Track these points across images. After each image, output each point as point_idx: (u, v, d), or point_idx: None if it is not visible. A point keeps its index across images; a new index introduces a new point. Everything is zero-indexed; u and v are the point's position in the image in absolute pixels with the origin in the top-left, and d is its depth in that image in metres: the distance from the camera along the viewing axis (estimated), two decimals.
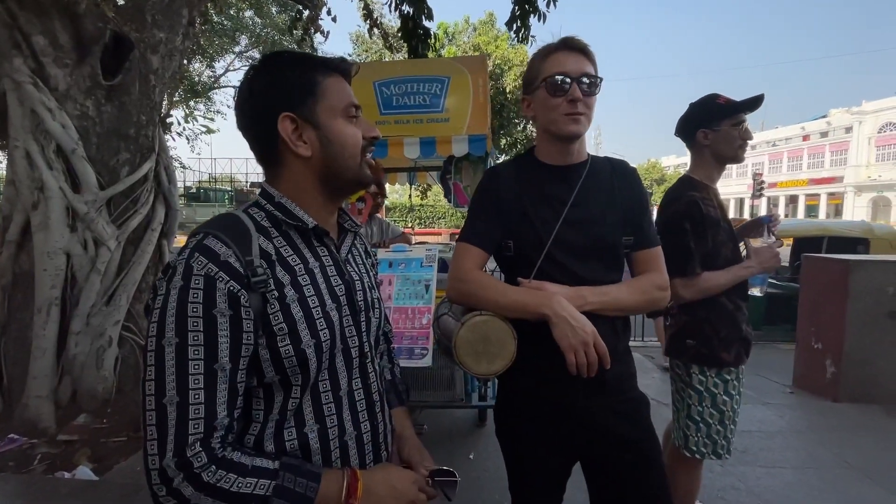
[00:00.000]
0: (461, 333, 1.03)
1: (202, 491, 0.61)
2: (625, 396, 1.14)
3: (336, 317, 0.75)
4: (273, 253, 0.72)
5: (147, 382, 0.63)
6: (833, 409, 3.46)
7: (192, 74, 14.40)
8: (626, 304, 1.10)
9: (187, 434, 0.61)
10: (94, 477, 2.12)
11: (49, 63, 2.74)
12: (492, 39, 16.31)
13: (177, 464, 0.60)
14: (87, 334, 2.85)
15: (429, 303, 2.55)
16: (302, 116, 0.74)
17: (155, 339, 0.63)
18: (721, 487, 2.45)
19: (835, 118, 36.02)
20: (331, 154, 0.76)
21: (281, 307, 0.69)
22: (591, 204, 1.11)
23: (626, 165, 1.20)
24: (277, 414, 0.71)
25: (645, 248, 1.14)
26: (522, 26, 4.41)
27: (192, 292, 0.64)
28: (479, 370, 1.05)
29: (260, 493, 0.62)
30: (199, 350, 0.63)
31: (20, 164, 2.73)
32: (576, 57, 1.09)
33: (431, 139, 2.71)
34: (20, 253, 2.85)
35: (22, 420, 2.64)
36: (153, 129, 3.25)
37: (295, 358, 0.70)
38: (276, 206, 0.76)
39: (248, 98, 0.76)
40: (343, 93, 0.77)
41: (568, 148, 1.12)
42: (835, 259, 3.78)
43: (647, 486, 1.12)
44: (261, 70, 0.76)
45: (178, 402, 0.62)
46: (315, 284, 0.74)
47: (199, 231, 0.70)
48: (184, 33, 3.33)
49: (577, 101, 1.06)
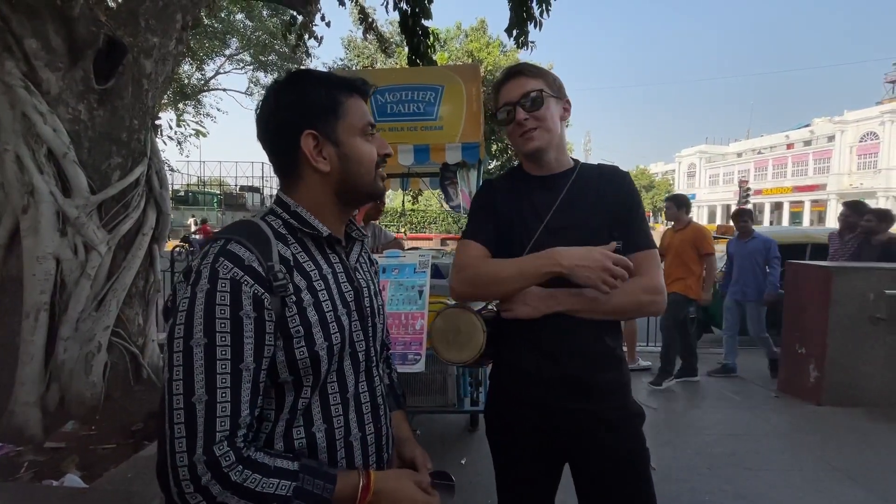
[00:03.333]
0: (436, 322, 1.14)
1: (229, 489, 0.63)
2: (613, 405, 1.12)
3: (346, 321, 0.79)
4: (291, 259, 0.75)
5: (174, 382, 0.65)
6: (816, 413, 3.55)
7: (181, 77, 14.29)
8: (610, 306, 1.07)
9: (215, 432, 0.64)
10: (83, 485, 2.09)
11: (41, 67, 2.72)
12: (483, 46, 16.47)
13: (206, 462, 0.63)
14: (75, 340, 2.81)
15: (422, 308, 2.57)
16: (324, 134, 0.79)
17: (182, 339, 0.66)
18: (709, 490, 2.50)
19: (818, 127, 36.90)
20: (348, 170, 0.81)
21: (298, 311, 0.72)
22: (576, 210, 1.13)
23: (616, 170, 1.22)
24: (288, 413, 0.74)
25: (634, 252, 1.12)
26: (521, 33, 4.47)
27: (220, 295, 0.66)
28: (448, 357, 1.15)
29: (282, 494, 0.65)
30: (227, 350, 0.66)
31: (10, 168, 2.70)
32: (516, 82, 1.14)
33: (425, 146, 2.74)
34: (9, 257, 2.81)
35: (9, 427, 2.60)
36: (145, 134, 3.24)
37: (308, 359, 0.73)
38: (292, 215, 0.79)
39: (275, 112, 0.80)
40: (362, 112, 0.82)
41: (541, 161, 1.17)
42: (818, 266, 3.88)
43: (632, 498, 1.12)
44: (288, 86, 0.80)
45: (206, 401, 0.64)
46: (328, 290, 0.77)
47: (220, 237, 0.73)
48: (177, 38, 3.33)
49: (523, 122, 1.12)
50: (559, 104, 1.16)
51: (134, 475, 2.04)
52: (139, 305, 3.28)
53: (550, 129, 1.13)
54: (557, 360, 1.10)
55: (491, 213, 1.19)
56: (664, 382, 4.11)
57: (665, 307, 1.15)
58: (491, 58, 15.90)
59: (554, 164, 1.17)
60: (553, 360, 1.10)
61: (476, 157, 2.75)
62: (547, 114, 1.12)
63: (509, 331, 1.09)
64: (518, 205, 1.16)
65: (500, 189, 1.22)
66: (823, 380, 3.64)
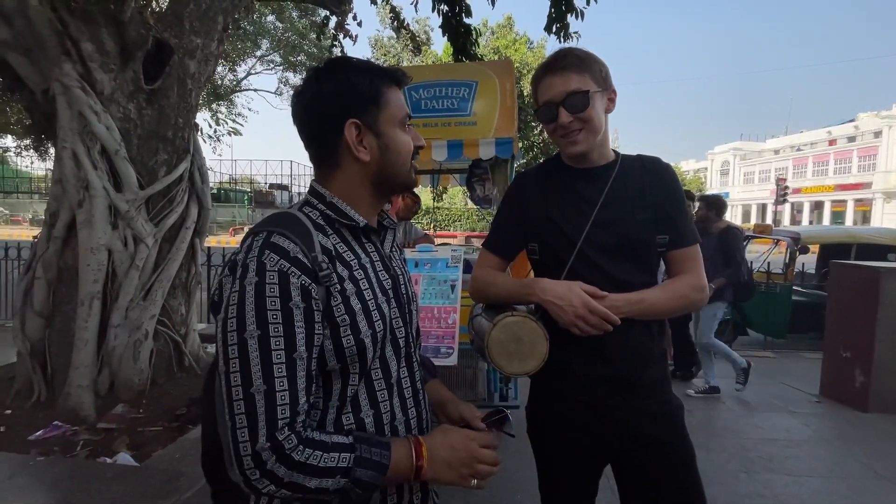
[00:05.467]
0: (493, 334, 1.05)
1: (294, 469, 0.66)
2: (658, 400, 1.12)
3: (387, 309, 0.80)
4: (332, 249, 0.76)
5: (232, 374, 0.67)
6: (862, 419, 3.39)
7: (215, 78, 14.76)
8: (661, 309, 1.09)
9: (276, 419, 0.66)
10: (135, 463, 2.21)
11: (96, 68, 2.88)
12: (510, 42, 16.35)
13: (270, 447, 0.65)
14: (125, 327, 2.97)
15: (454, 303, 2.59)
16: (366, 123, 0.79)
17: (236, 332, 0.67)
18: (746, 494, 2.44)
19: (863, 122, 34.98)
20: (387, 160, 0.81)
21: (342, 300, 0.73)
22: (621, 204, 1.11)
23: (658, 162, 1.19)
24: (337, 400, 0.76)
25: (680, 248, 1.11)
26: (562, 27, 4.43)
27: (269, 287, 0.68)
28: (511, 370, 1.07)
29: (343, 466, 0.68)
30: (280, 341, 0.67)
31: (67, 164, 2.87)
32: (560, 78, 1.07)
33: (459, 142, 2.76)
34: (65, 248, 2.99)
35: (64, 408, 2.77)
36: (189, 132, 3.38)
37: (355, 347, 0.74)
38: (329, 206, 0.80)
39: (317, 99, 0.79)
40: (400, 103, 0.83)
41: (584, 159, 1.14)
42: (865, 266, 3.70)
43: (679, 489, 1.11)
44: (330, 74, 0.80)
45: (265, 391, 0.66)
46: (368, 279, 0.78)
47: (260, 229, 0.73)
48: (218, 39, 3.46)
49: (567, 125, 1.08)
50: (604, 96, 1.10)
51: (181, 456, 2.15)
52: (182, 296, 3.43)
53: (596, 130, 1.09)
54: (609, 360, 1.10)
55: (515, 215, 1.20)
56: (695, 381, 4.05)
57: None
58: (518, 54, 15.78)
59: (597, 158, 1.15)
60: (606, 361, 1.10)
61: (509, 152, 2.75)
62: (593, 114, 1.07)
63: (556, 329, 1.06)
64: (560, 200, 1.15)
65: (536, 183, 1.20)
66: (871, 385, 3.47)
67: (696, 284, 1.12)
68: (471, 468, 0.77)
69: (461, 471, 0.77)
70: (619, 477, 1.17)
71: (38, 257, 3.00)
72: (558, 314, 1.04)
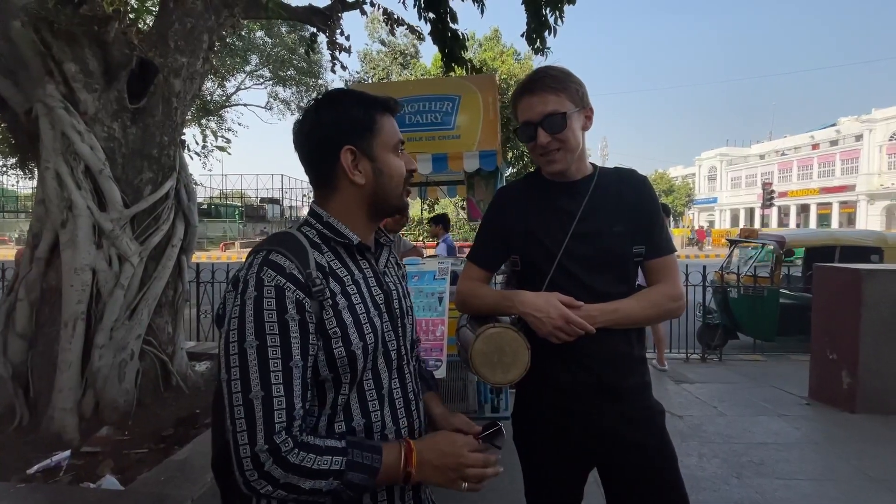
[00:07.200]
0: (476, 345, 1.08)
1: (289, 471, 0.70)
2: (639, 405, 1.16)
3: (378, 322, 0.84)
4: (326, 266, 0.81)
5: (233, 381, 0.72)
6: (850, 421, 3.43)
7: (204, 94, 14.76)
8: (636, 317, 1.13)
9: (273, 423, 0.70)
10: (121, 487, 2.17)
11: (79, 88, 2.88)
12: (497, 55, 16.57)
13: (268, 450, 0.69)
14: (110, 348, 2.93)
15: (442, 315, 2.60)
16: (360, 149, 0.85)
17: (237, 343, 0.73)
18: (738, 500, 2.44)
19: (844, 126, 35.78)
20: (381, 183, 0.87)
21: (334, 313, 0.78)
22: (599, 217, 1.14)
23: (635, 174, 1.23)
24: (329, 409, 0.80)
25: (656, 258, 1.17)
26: (538, 39, 4.52)
27: (266, 301, 0.73)
28: (495, 380, 1.10)
29: (336, 468, 0.72)
30: (277, 350, 0.72)
31: (50, 185, 2.85)
32: (539, 98, 1.11)
33: (443, 155, 2.79)
34: (48, 269, 2.95)
35: (48, 432, 2.71)
36: (174, 149, 3.37)
37: (346, 358, 0.78)
38: (325, 225, 0.86)
39: (316, 127, 0.86)
40: (393, 130, 0.90)
41: (562, 174, 1.18)
42: (847, 268, 3.76)
43: (663, 491, 1.14)
44: (328, 104, 0.87)
45: (262, 397, 0.71)
46: (360, 294, 0.84)
47: (261, 248, 0.80)
48: (204, 57, 3.48)
49: (546, 145, 1.12)
50: (581, 115, 1.15)
51: (166, 479, 2.11)
52: (168, 314, 3.40)
53: (573, 149, 1.13)
54: (591, 369, 1.13)
55: (498, 227, 1.24)
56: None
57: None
58: (505, 66, 15.98)
59: (574, 173, 1.19)
60: (586, 369, 1.13)
61: (493, 165, 2.78)
62: (570, 135, 1.11)
63: (538, 339, 1.10)
64: (541, 213, 1.18)
65: (517, 197, 1.24)
66: (857, 386, 3.51)
67: (671, 293, 1.16)
68: (459, 472, 0.81)
69: (449, 474, 0.80)
70: (605, 482, 1.20)
71: (21, 279, 2.96)
72: (537, 325, 1.08)
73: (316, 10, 4.71)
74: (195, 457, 2.34)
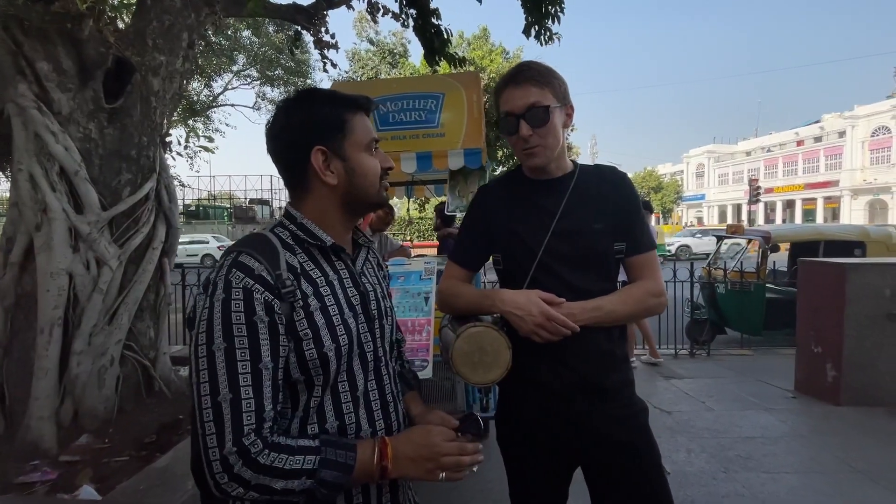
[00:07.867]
0: (457, 345, 1.06)
1: (260, 472, 0.69)
2: (622, 403, 1.16)
3: (353, 324, 0.83)
4: (298, 267, 0.80)
5: (201, 384, 0.71)
6: (835, 413, 3.46)
7: (190, 94, 14.56)
8: (618, 315, 1.12)
9: (242, 426, 0.69)
10: (98, 497, 2.11)
11: (53, 88, 2.80)
12: (486, 54, 16.57)
13: (237, 452, 0.69)
14: (88, 354, 2.86)
15: (428, 315, 2.57)
16: (331, 149, 0.84)
17: (205, 346, 0.72)
18: (725, 494, 2.45)
19: (828, 123, 36.40)
20: (354, 183, 0.86)
21: (305, 315, 0.77)
22: (579, 215, 1.13)
23: (615, 172, 1.22)
24: (302, 411, 0.79)
25: (637, 254, 1.16)
26: (541, 29, 4.52)
27: (234, 303, 0.72)
28: (475, 379, 1.07)
29: (308, 468, 0.71)
30: (245, 352, 0.72)
31: (24, 187, 2.77)
32: (522, 90, 1.10)
33: (428, 153, 2.76)
34: (23, 274, 2.87)
35: (24, 441, 2.64)
36: (154, 150, 3.30)
37: (318, 360, 0.77)
38: (299, 227, 0.85)
39: (286, 129, 0.85)
40: (366, 129, 0.88)
41: (542, 171, 1.17)
42: (831, 263, 3.81)
43: (648, 489, 1.13)
44: (297, 105, 0.85)
45: (231, 399, 0.70)
46: (335, 295, 0.82)
47: (232, 249, 0.78)
48: (184, 56, 3.41)
49: (527, 139, 1.10)
50: (563, 111, 1.14)
51: (147, 487, 2.06)
52: (150, 319, 3.33)
53: (554, 145, 1.12)
54: (574, 368, 1.12)
55: (481, 226, 1.22)
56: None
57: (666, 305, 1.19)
58: (494, 65, 15.97)
59: (555, 170, 1.18)
60: (570, 368, 1.12)
61: (478, 163, 2.76)
62: (551, 129, 1.11)
63: (520, 338, 1.08)
64: (522, 211, 1.17)
65: (498, 195, 1.23)
66: (842, 379, 3.55)
67: (652, 290, 1.16)
68: (435, 462, 0.79)
69: (426, 465, 0.79)
70: (590, 481, 1.19)
71: None
72: (518, 324, 1.06)
73: (300, 9, 4.65)
74: (176, 464, 2.29)
